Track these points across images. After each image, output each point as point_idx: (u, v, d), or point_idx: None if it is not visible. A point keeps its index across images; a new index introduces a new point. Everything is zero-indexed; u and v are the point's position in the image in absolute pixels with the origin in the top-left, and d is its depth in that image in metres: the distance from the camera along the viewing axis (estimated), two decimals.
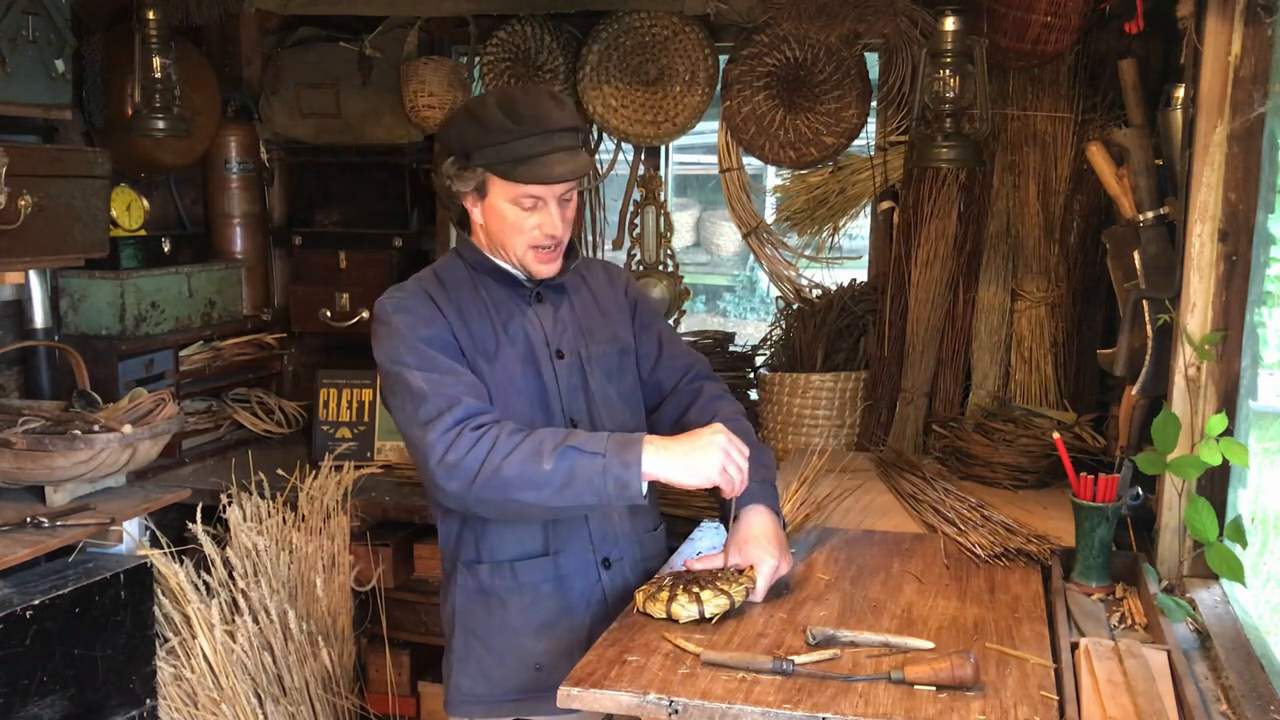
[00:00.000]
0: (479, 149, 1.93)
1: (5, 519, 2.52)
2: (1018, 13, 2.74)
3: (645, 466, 1.81)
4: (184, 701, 2.79)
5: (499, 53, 3.53)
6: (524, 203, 1.95)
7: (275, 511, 3.05)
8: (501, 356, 2.01)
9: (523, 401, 2.01)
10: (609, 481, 1.81)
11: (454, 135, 1.98)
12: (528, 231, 1.98)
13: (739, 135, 3.42)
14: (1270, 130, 2.05)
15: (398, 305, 1.99)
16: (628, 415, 2.13)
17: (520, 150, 1.91)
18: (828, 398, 3.24)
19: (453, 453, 1.83)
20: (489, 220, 2.01)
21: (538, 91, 2.01)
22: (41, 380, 3.01)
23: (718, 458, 1.83)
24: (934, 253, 3.18)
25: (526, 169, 1.92)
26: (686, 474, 1.83)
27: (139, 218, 3.34)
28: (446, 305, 2.01)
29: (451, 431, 1.84)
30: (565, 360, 2.06)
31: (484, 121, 1.93)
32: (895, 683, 1.60)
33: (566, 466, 1.80)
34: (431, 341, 1.94)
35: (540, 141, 1.92)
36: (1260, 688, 1.72)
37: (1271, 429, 2.51)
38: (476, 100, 2.01)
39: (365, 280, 3.73)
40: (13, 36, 2.66)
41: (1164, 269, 2.34)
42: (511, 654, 2.03)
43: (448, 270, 2.08)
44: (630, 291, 2.24)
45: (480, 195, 1.99)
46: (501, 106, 1.93)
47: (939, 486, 2.64)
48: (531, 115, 1.93)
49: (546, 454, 1.80)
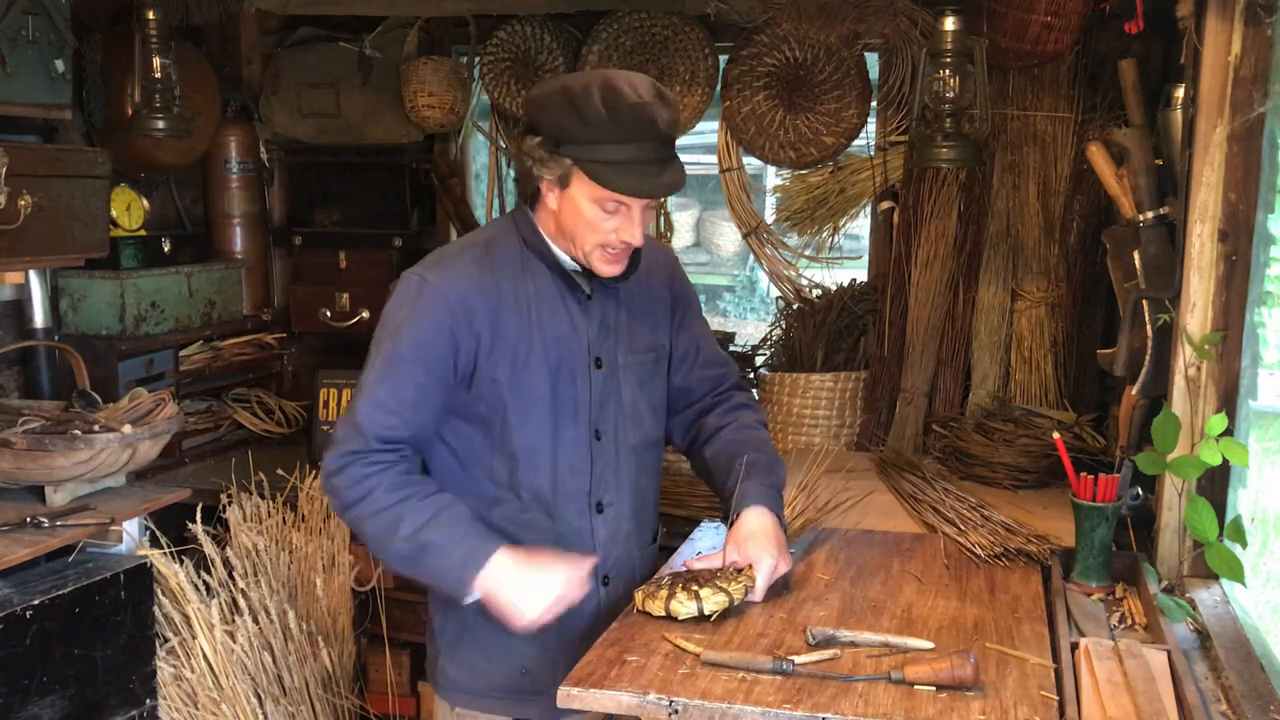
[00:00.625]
0: (573, 142, 1.80)
1: (5, 519, 2.52)
2: (1018, 13, 2.74)
3: (480, 585, 1.83)
4: (184, 701, 2.79)
5: (499, 53, 3.53)
6: (608, 206, 1.84)
7: (275, 511, 3.05)
8: (532, 362, 1.93)
9: (544, 413, 1.94)
10: (447, 582, 1.86)
11: (545, 118, 1.83)
12: (604, 233, 1.87)
13: (739, 135, 3.42)
14: (1270, 130, 2.05)
15: (421, 291, 1.89)
16: (651, 426, 2.09)
17: (618, 154, 1.79)
18: (828, 398, 3.24)
19: (339, 479, 1.86)
20: (564, 211, 1.88)
21: (645, 85, 1.82)
22: (41, 380, 3.01)
23: (535, 596, 1.83)
24: (934, 253, 3.18)
25: (621, 176, 1.79)
26: (512, 608, 1.83)
27: (139, 218, 3.34)
28: (480, 303, 1.89)
29: (347, 459, 1.86)
30: (602, 370, 1.99)
31: (583, 113, 1.78)
32: (895, 683, 1.60)
33: (414, 550, 1.84)
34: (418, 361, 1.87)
35: (640, 149, 1.79)
36: (1260, 688, 1.72)
37: (1271, 429, 2.51)
38: (579, 83, 1.81)
39: (365, 280, 3.73)
40: (13, 36, 2.66)
41: (1164, 269, 2.34)
42: (501, 653, 2.01)
43: (500, 247, 1.96)
44: (675, 286, 2.15)
45: (562, 185, 1.85)
46: (606, 100, 1.77)
47: (939, 486, 2.64)
48: (636, 118, 1.78)
49: (402, 535, 1.83)
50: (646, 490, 2.10)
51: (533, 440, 1.94)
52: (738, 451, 2.05)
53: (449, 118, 3.56)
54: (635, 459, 2.04)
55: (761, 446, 2.09)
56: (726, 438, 2.10)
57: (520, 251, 1.96)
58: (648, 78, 1.84)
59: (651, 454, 2.10)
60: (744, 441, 2.08)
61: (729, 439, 2.10)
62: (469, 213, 3.75)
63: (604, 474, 2.00)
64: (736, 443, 2.08)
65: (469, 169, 3.85)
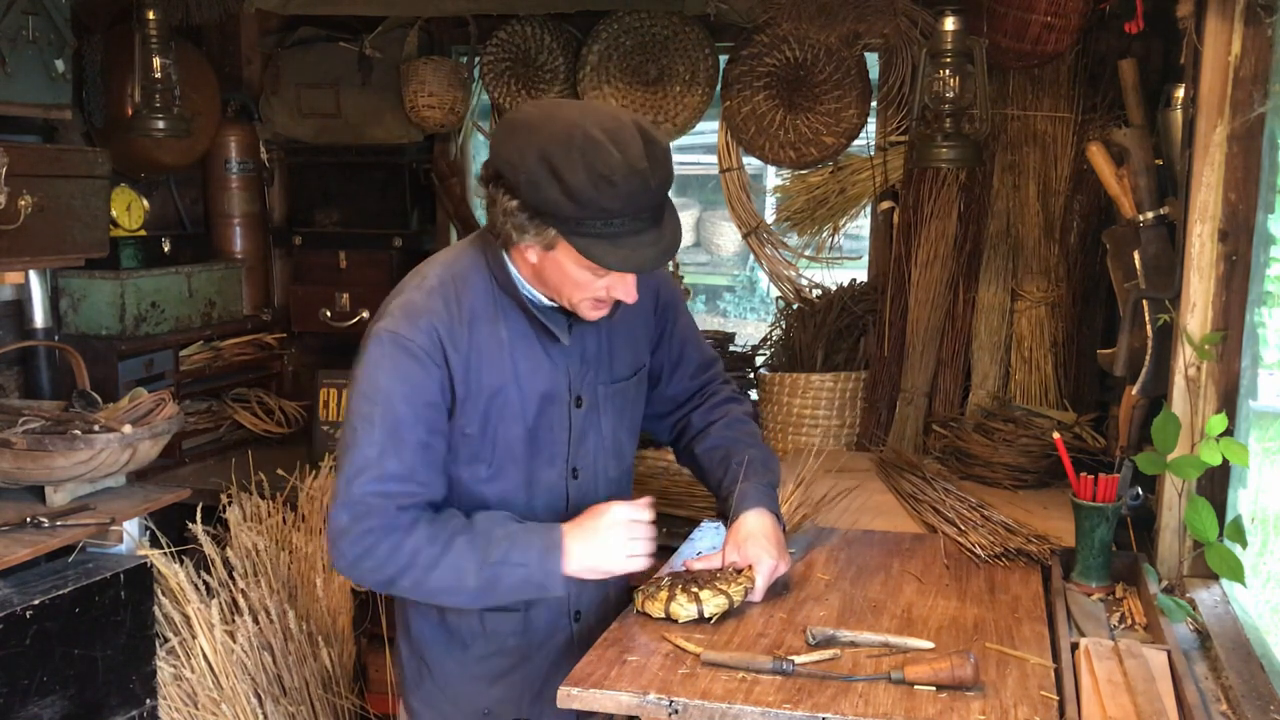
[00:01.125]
0: (558, 217, 1.65)
1: (5, 519, 2.52)
2: (1018, 13, 2.74)
3: (569, 572, 1.78)
4: (184, 701, 2.79)
5: (499, 53, 3.53)
6: (600, 271, 1.71)
7: (275, 511, 3.05)
8: (506, 416, 1.84)
9: (519, 464, 1.87)
10: (531, 589, 1.79)
11: (525, 183, 1.64)
12: (594, 290, 1.75)
13: (739, 135, 3.42)
14: (1270, 130, 2.05)
15: (398, 348, 1.75)
16: (629, 453, 2.05)
17: (609, 229, 1.64)
18: (828, 398, 3.24)
19: (367, 560, 1.75)
20: (546, 268, 1.75)
21: (632, 140, 1.62)
22: (41, 380, 3.01)
23: (622, 562, 1.80)
24: (934, 253, 3.18)
25: (614, 253, 1.66)
26: (603, 563, 1.80)
27: (139, 218, 3.34)
28: (456, 357, 1.78)
29: (366, 539, 1.74)
30: (582, 408, 1.91)
31: (570, 189, 1.60)
32: (895, 683, 1.60)
33: (489, 579, 1.76)
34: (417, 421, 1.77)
35: (634, 220, 1.65)
36: (1260, 688, 1.72)
37: (1271, 429, 2.51)
38: (558, 147, 1.61)
39: (365, 280, 3.73)
40: (13, 36, 2.66)
41: (1164, 269, 2.33)
42: (464, 697, 1.97)
43: (469, 286, 1.82)
44: (663, 293, 2.04)
45: (545, 249, 1.71)
46: (591, 171, 1.59)
47: (939, 486, 2.64)
48: (628, 190, 1.61)
49: (470, 572, 1.75)
50: None
51: (505, 491, 1.88)
52: (732, 449, 2.03)
53: (449, 118, 3.56)
54: (614, 488, 2.01)
55: (754, 442, 2.07)
56: (718, 434, 2.07)
57: (491, 291, 1.83)
58: (632, 119, 1.66)
59: (627, 480, 2.07)
60: (736, 439, 2.06)
61: (721, 435, 2.07)
62: (469, 213, 3.75)
63: (580, 512, 1.92)
64: (729, 439, 2.06)
65: (469, 169, 3.85)
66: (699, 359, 2.13)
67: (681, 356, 2.10)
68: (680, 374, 2.11)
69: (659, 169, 1.65)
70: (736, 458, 2.02)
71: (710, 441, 2.08)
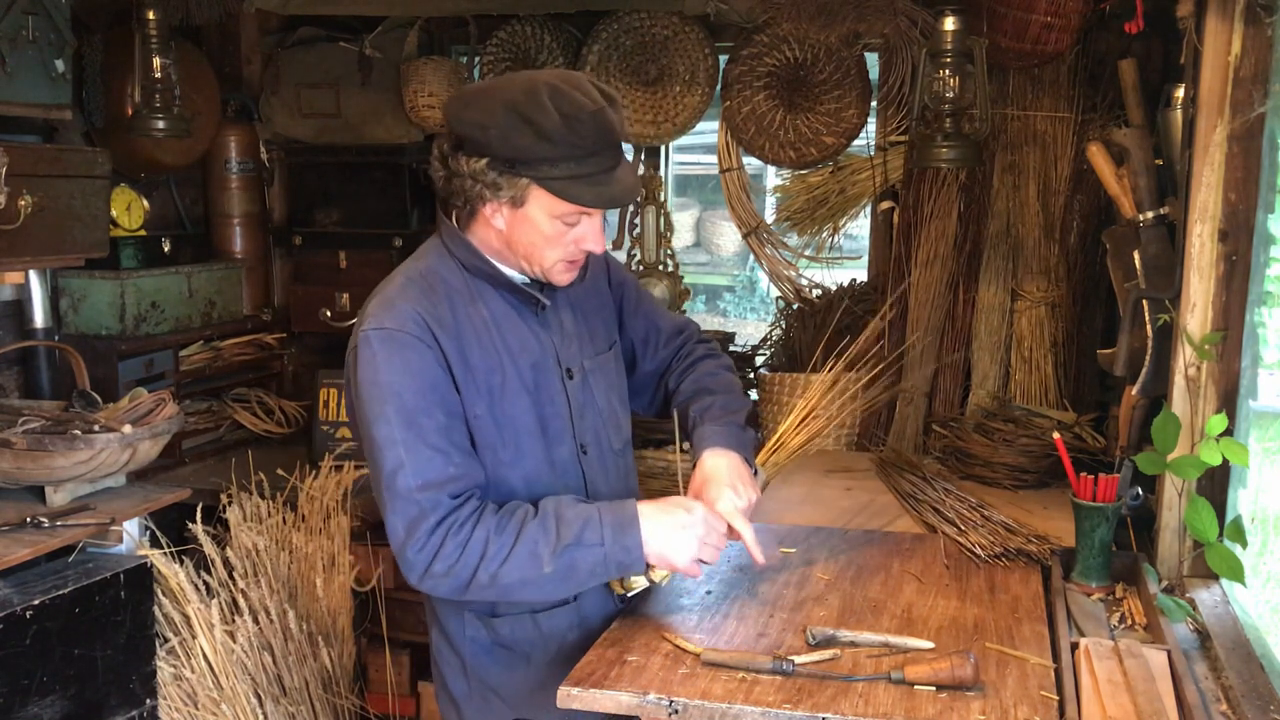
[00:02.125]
0: (533, 161, 1.69)
1: (5, 519, 2.52)
2: (1018, 13, 2.74)
3: (647, 549, 1.75)
4: (184, 701, 2.79)
5: (499, 53, 3.53)
6: (569, 219, 1.75)
7: (275, 511, 3.05)
8: (509, 391, 1.82)
9: (535, 440, 1.85)
10: (611, 568, 1.75)
11: (495, 137, 1.69)
12: (565, 245, 1.78)
13: (739, 135, 3.42)
14: (1270, 130, 2.05)
15: (387, 341, 1.74)
16: (626, 425, 2.04)
17: (581, 167, 1.70)
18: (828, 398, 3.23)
19: (439, 563, 1.69)
20: (517, 230, 1.77)
21: (590, 87, 1.71)
22: (41, 380, 3.01)
23: (699, 549, 1.78)
24: (934, 253, 3.18)
25: (589, 189, 1.71)
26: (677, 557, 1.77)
27: (139, 218, 3.34)
28: (445, 337, 1.77)
29: (434, 539, 1.69)
30: (575, 380, 1.91)
31: (543, 130, 1.66)
32: (895, 683, 1.60)
33: (566, 564, 1.71)
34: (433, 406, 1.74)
35: (603, 158, 1.71)
36: (1260, 688, 1.72)
37: (1271, 429, 2.51)
38: (523, 97, 1.67)
39: (365, 280, 3.70)
40: (13, 36, 2.66)
41: (1164, 269, 2.34)
42: (539, 710, 1.90)
43: (440, 276, 1.83)
44: (612, 273, 2.08)
45: (515, 205, 1.75)
46: (562, 111, 1.66)
47: (939, 486, 2.64)
48: (596, 127, 1.68)
49: (545, 558, 1.70)
50: (634, 491, 2.07)
51: (529, 470, 1.86)
52: (695, 399, 2.03)
53: None
54: (620, 462, 2.01)
55: (717, 387, 2.04)
56: (685, 391, 2.07)
57: (464, 277, 1.84)
58: (583, 75, 1.75)
59: (629, 454, 2.07)
60: (699, 391, 2.04)
61: (686, 391, 2.07)
62: None
63: (598, 489, 1.94)
64: (694, 390, 2.05)
65: None
66: (668, 328, 2.14)
67: (650, 330, 2.12)
68: (653, 347, 2.12)
69: (617, 110, 1.73)
70: (696, 405, 2.01)
71: (680, 398, 2.07)
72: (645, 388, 2.16)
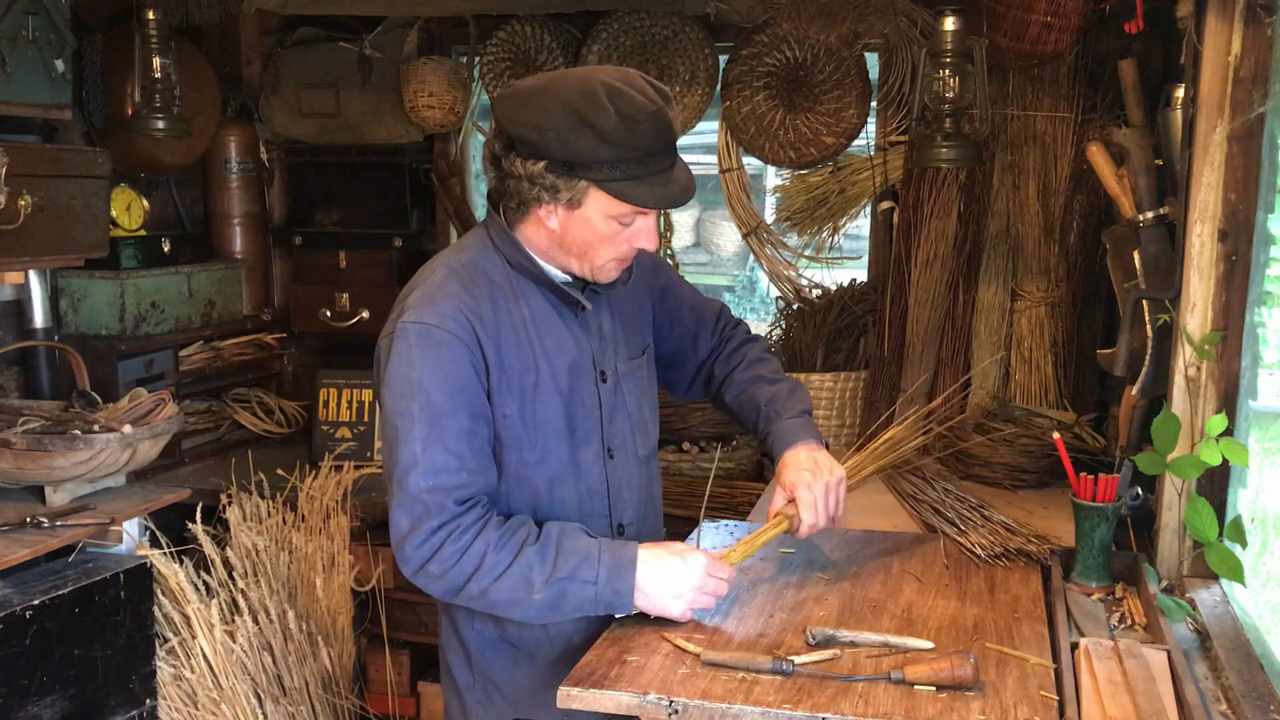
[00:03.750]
0: (593, 163, 1.67)
1: (5, 519, 2.52)
2: (1018, 13, 2.74)
3: (638, 595, 1.76)
4: (184, 701, 2.79)
5: (499, 53, 3.53)
6: (626, 219, 1.75)
7: (275, 511, 3.05)
8: (541, 392, 1.82)
9: (561, 441, 1.85)
10: (600, 606, 1.76)
11: (553, 139, 1.67)
12: (619, 245, 1.77)
13: (739, 135, 3.42)
14: (1270, 130, 2.05)
15: (425, 336, 1.73)
16: (654, 432, 2.05)
17: (643, 168, 1.69)
18: (828, 398, 3.24)
19: (435, 564, 1.71)
20: (571, 230, 1.76)
21: (646, 86, 1.69)
22: (41, 380, 3.01)
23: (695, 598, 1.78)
24: (934, 253, 3.18)
25: (649, 191, 1.70)
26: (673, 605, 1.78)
27: (139, 218, 3.34)
28: (485, 335, 1.77)
29: (434, 540, 1.70)
30: (608, 383, 1.91)
31: (603, 133, 1.65)
32: (895, 683, 1.60)
33: (556, 594, 1.73)
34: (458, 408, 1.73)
35: (662, 158, 1.71)
36: (1260, 688, 1.72)
37: (1271, 429, 2.51)
38: (581, 98, 1.65)
39: (365, 280, 3.73)
40: (13, 36, 2.66)
41: (1164, 269, 2.34)
42: (538, 708, 1.92)
43: (482, 270, 1.82)
44: (653, 272, 2.09)
45: (571, 207, 1.73)
46: (621, 113, 1.64)
47: (939, 486, 2.64)
48: (654, 127, 1.67)
49: (537, 585, 1.71)
50: (656, 500, 2.08)
51: (553, 471, 1.86)
52: (757, 390, 2.07)
53: (449, 118, 3.56)
54: (645, 470, 2.01)
55: (777, 377, 2.09)
56: (741, 379, 2.10)
57: (507, 272, 1.84)
58: (637, 73, 1.73)
59: (655, 461, 2.08)
60: (759, 377, 2.08)
61: (745, 379, 2.10)
62: (469, 213, 3.75)
63: (620, 493, 1.95)
64: (753, 380, 2.09)
65: (469, 169, 3.85)
66: (711, 315, 2.17)
67: (698, 321, 2.14)
68: (703, 337, 2.15)
69: (670, 106, 1.71)
70: (764, 396, 2.05)
71: (736, 389, 2.11)
72: (692, 376, 2.18)
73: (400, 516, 1.72)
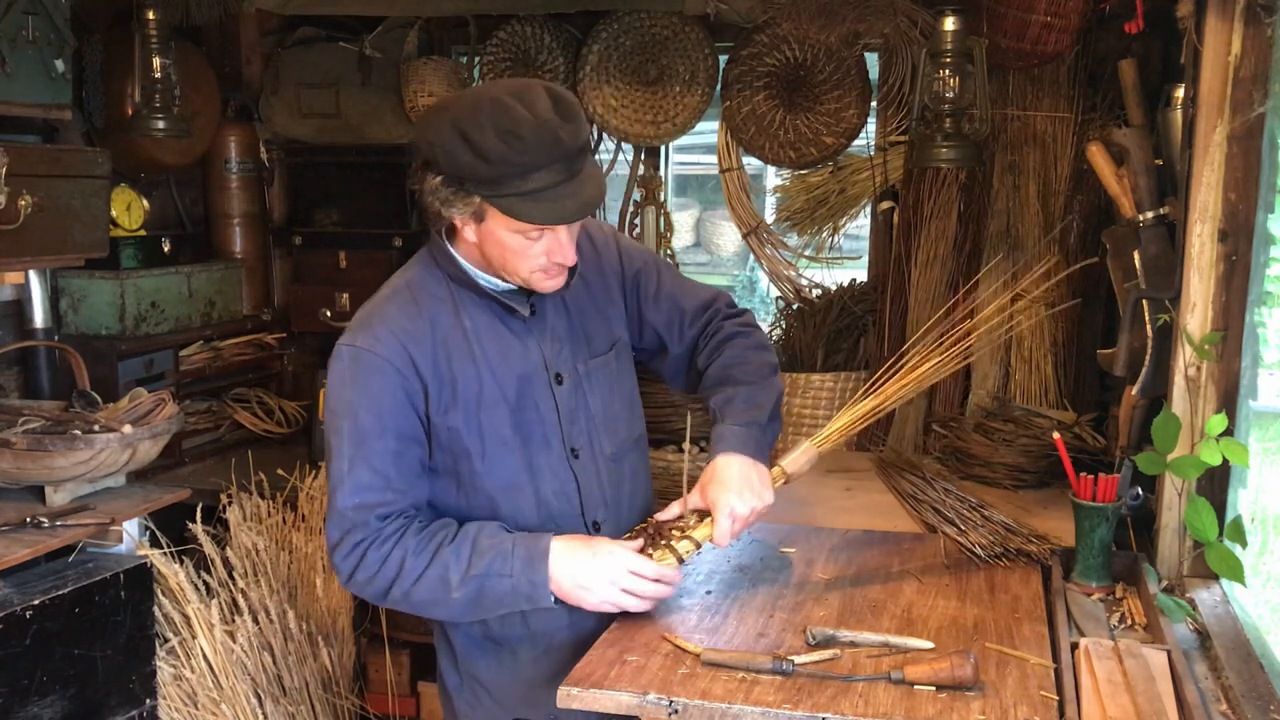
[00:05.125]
0: (475, 181, 1.68)
1: (5, 519, 2.52)
2: (1018, 13, 2.74)
3: (553, 586, 1.78)
4: (184, 701, 2.79)
5: (499, 53, 3.53)
6: (531, 234, 1.74)
7: (275, 511, 3.05)
8: (485, 402, 1.84)
9: (513, 448, 1.87)
10: (520, 599, 1.79)
11: (440, 156, 1.69)
12: (534, 258, 1.77)
13: (739, 135, 3.42)
14: (1270, 130, 2.05)
15: (355, 360, 1.79)
16: (628, 427, 2.02)
17: (526, 184, 1.66)
18: (828, 398, 3.24)
19: (361, 573, 1.79)
20: (486, 245, 1.78)
21: (537, 100, 1.66)
22: (41, 380, 3.01)
23: (607, 590, 1.79)
24: (934, 253, 3.18)
25: (536, 208, 1.68)
26: (585, 595, 1.79)
27: (139, 218, 3.34)
28: (421, 355, 1.80)
29: (357, 551, 1.78)
30: (565, 385, 1.91)
31: (479, 148, 1.64)
32: (895, 683, 1.60)
33: (474, 591, 1.77)
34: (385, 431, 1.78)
35: (550, 172, 1.67)
36: (1260, 688, 1.72)
37: (1271, 429, 2.51)
38: (466, 114, 1.67)
39: (365, 280, 3.71)
40: (13, 36, 2.66)
41: (1164, 269, 2.33)
42: (524, 706, 1.94)
43: (425, 289, 1.86)
44: (625, 262, 2.04)
45: (476, 220, 1.75)
46: (500, 128, 1.63)
47: (939, 486, 2.64)
48: (537, 143, 1.64)
49: (454, 584, 1.76)
50: (636, 494, 2.05)
51: (507, 479, 1.88)
52: (714, 391, 2.00)
53: None
54: (616, 467, 1.99)
55: (743, 375, 2.00)
56: (710, 378, 2.04)
57: (449, 287, 1.86)
58: (541, 83, 1.71)
59: (634, 455, 2.05)
60: (727, 377, 2.01)
61: (711, 379, 2.03)
62: None
63: (591, 490, 1.94)
64: (720, 379, 2.01)
65: None
66: (693, 306, 2.08)
67: (673, 312, 2.06)
68: (679, 329, 2.08)
69: (569, 120, 1.67)
70: (717, 397, 1.99)
71: (707, 385, 2.05)
72: (679, 370, 2.12)
73: (330, 529, 1.81)
